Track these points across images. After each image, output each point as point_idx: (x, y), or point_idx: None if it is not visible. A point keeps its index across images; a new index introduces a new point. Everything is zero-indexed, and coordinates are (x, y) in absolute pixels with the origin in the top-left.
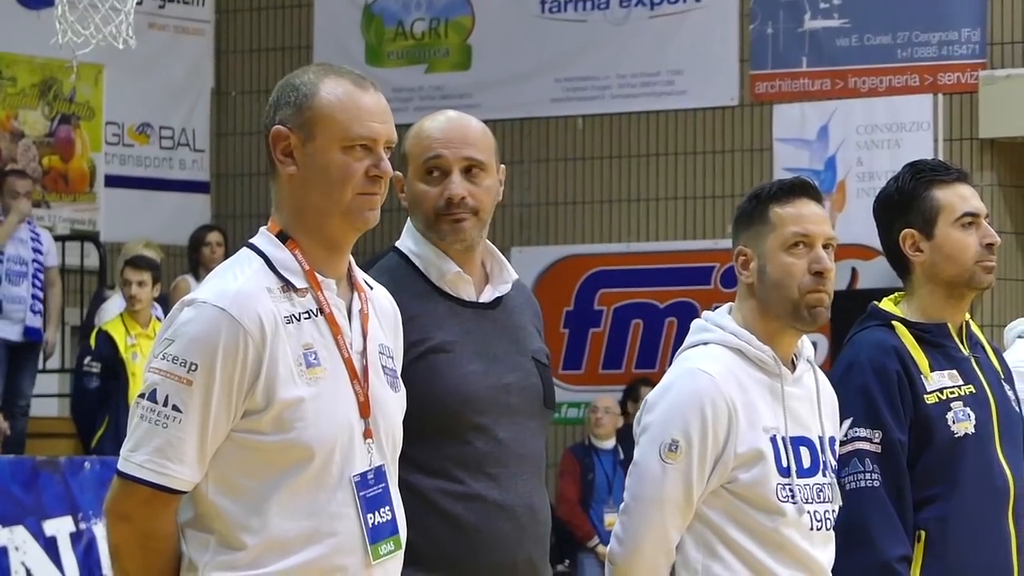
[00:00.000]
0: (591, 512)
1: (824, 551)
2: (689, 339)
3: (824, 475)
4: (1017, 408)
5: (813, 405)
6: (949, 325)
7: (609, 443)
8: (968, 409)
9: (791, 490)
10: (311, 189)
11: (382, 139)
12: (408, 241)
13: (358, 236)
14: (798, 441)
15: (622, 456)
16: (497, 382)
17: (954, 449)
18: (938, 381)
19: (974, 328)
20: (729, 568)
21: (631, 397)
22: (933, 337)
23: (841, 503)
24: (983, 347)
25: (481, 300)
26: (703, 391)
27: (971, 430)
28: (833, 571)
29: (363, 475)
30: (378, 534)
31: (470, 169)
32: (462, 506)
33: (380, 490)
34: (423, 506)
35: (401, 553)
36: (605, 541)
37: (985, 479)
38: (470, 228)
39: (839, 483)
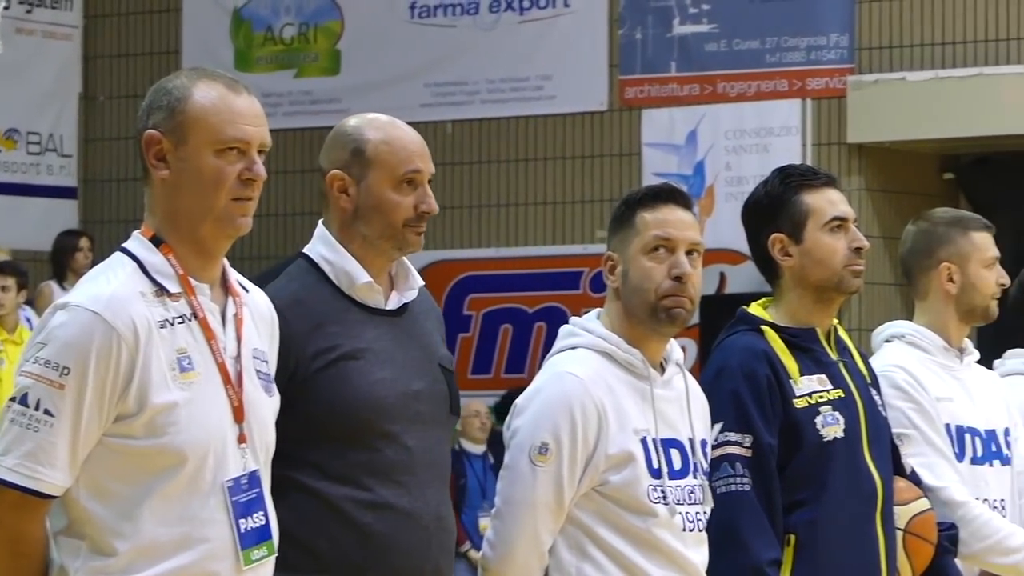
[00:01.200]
0: (463, 517)
1: (697, 552)
2: (558, 344)
3: (695, 477)
4: (883, 412)
5: (683, 408)
6: (818, 330)
7: (480, 448)
8: (837, 413)
9: (662, 491)
10: (184, 193)
11: (255, 142)
12: (321, 247)
13: (231, 242)
14: (668, 443)
15: (492, 461)
16: (406, 389)
17: (823, 453)
18: (807, 385)
19: (842, 333)
20: (602, 570)
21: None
22: (802, 342)
23: (713, 505)
24: (851, 352)
25: (388, 307)
26: (572, 394)
27: (840, 434)
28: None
29: (236, 480)
30: (250, 539)
31: (429, 182)
32: (371, 514)
33: (254, 495)
34: (330, 514)
35: (273, 559)
36: (477, 546)
37: (854, 483)
38: (423, 239)
39: (710, 487)
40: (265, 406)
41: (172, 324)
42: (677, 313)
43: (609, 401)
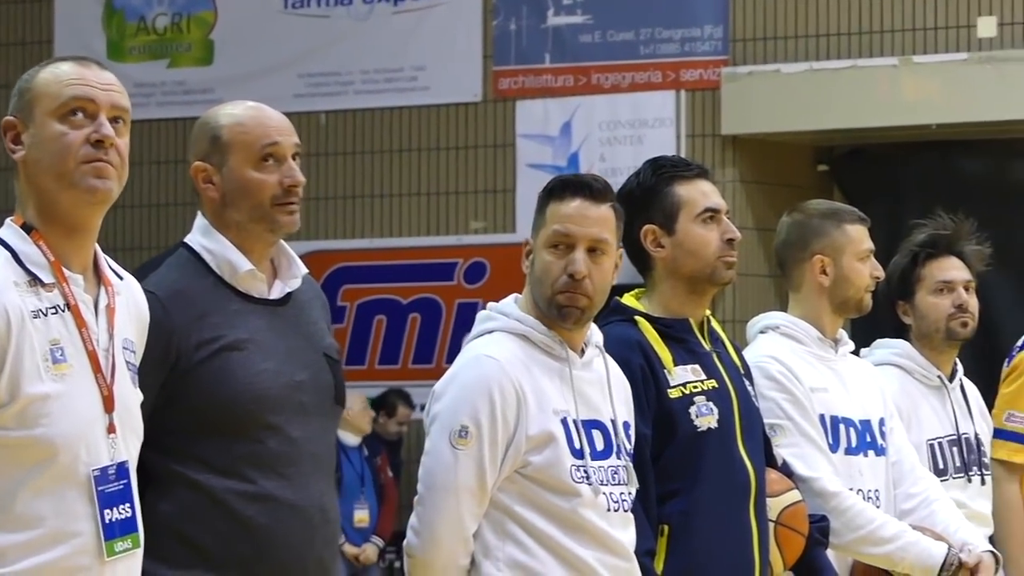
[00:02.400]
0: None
1: (624, 532)
2: (475, 328)
3: (618, 457)
4: (756, 403)
5: (604, 389)
6: (691, 320)
7: (356, 440)
8: (711, 404)
9: (585, 471)
10: (39, 171)
11: (103, 104)
12: (200, 237)
13: (96, 214)
14: (590, 424)
15: (367, 453)
16: (290, 380)
17: (697, 443)
18: (681, 376)
19: (715, 323)
20: (530, 552)
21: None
22: (675, 332)
23: (637, 486)
24: (724, 342)
25: (271, 297)
26: (489, 376)
27: (714, 424)
28: None
29: (104, 470)
30: (114, 531)
31: (295, 156)
32: (254, 507)
33: (121, 487)
34: (213, 506)
35: (139, 552)
36: (352, 540)
37: (727, 473)
38: (299, 218)
39: None
40: (132, 397)
41: (45, 314)
42: (568, 312)
43: (528, 382)
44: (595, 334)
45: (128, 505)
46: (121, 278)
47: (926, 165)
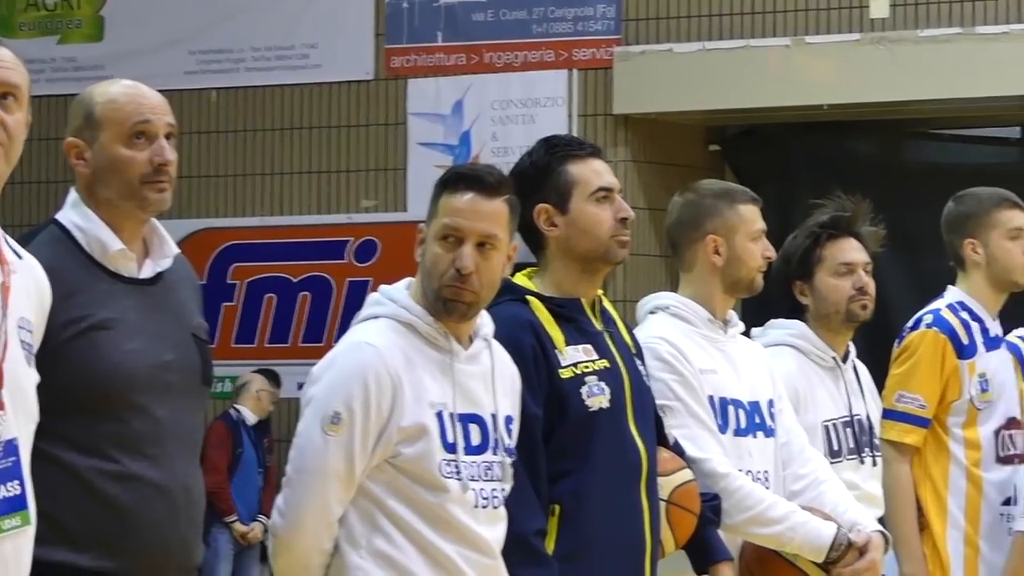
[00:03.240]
0: (234, 489)
1: (491, 528)
2: (363, 312)
3: (495, 453)
4: (648, 383)
5: (488, 383)
6: (583, 300)
7: (255, 419)
8: (602, 384)
9: (456, 466)
10: None
11: None
12: (72, 214)
13: None
14: (467, 418)
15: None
16: (157, 360)
17: (588, 423)
18: (572, 356)
19: (606, 303)
20: (392, 543)
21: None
22: (567, 312)
23: (513, 483)
24: (615, 322)
25: (142, 276)
26: (366, 364)
27: (605, 404)
28: None
29: None
30: (3, 509)
31: (169, 136)
32: (118, 487)
33: (10, 464)
34: (77, 485)
35: (30, 530)
36: (243, 519)
37: (619, 453)
38: (170, 196)
39: None
40: (27, 376)
41: None
42: (454, 307)
43: (406, 373)
44: (484, 326)
45: (17, 482)
46: (20, 257)
47: (818, 145)
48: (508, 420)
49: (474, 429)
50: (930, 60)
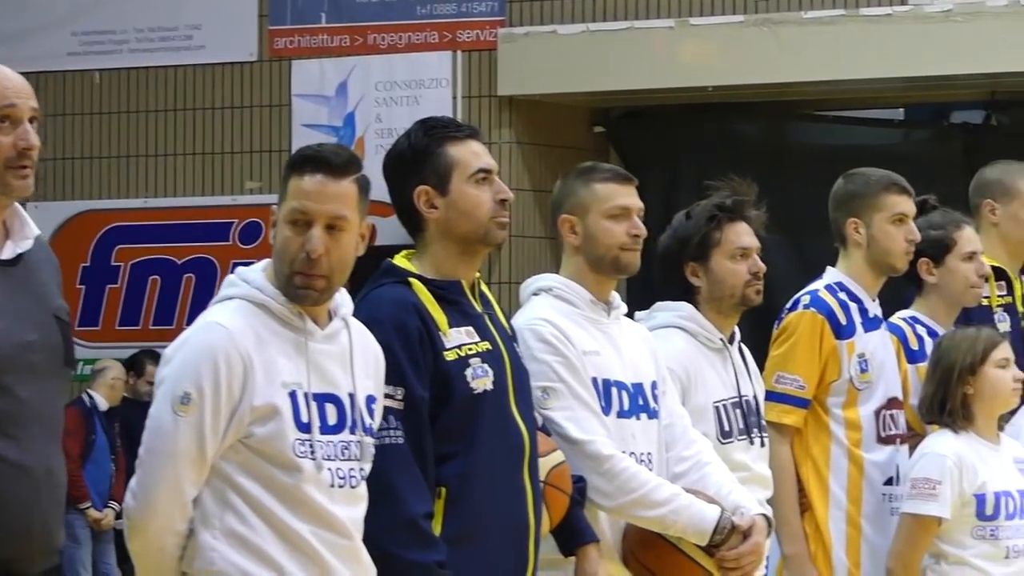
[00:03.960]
0: (87, 474)
1: (347, 508)
2: (219, 293)
3: (353, 433)
4: (524, 366)
5: (345, 362)
6: (463, 282)
7: (107, 405)
8: (486, 366)
9: (311, 446)
10: None
11: None
12: None
13: None
14: (323, 397)
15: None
16: (20, 340)
17: (473, 406)
18: (456, 338)
19: (483, 286)
20: (246, 523)
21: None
22: (449, 294)
23: (371, 462)
24: (492, 304)
25: (3, 257)
26: (217, 345)
27: (489, 387)
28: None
29: None
30: None
31: (32, 120)
32: None
33: None
34: None
35: None
36: (96, 505)
37: (503, 435)
38: (32, 182)
39: None
40: None
41: None
42: (306, 294)
43: (257, 353)
44: (343, 306)
45: None
46: None
47: (703, 127)
48: (369, 400)
49: (330, 409)
50: (814, 42)
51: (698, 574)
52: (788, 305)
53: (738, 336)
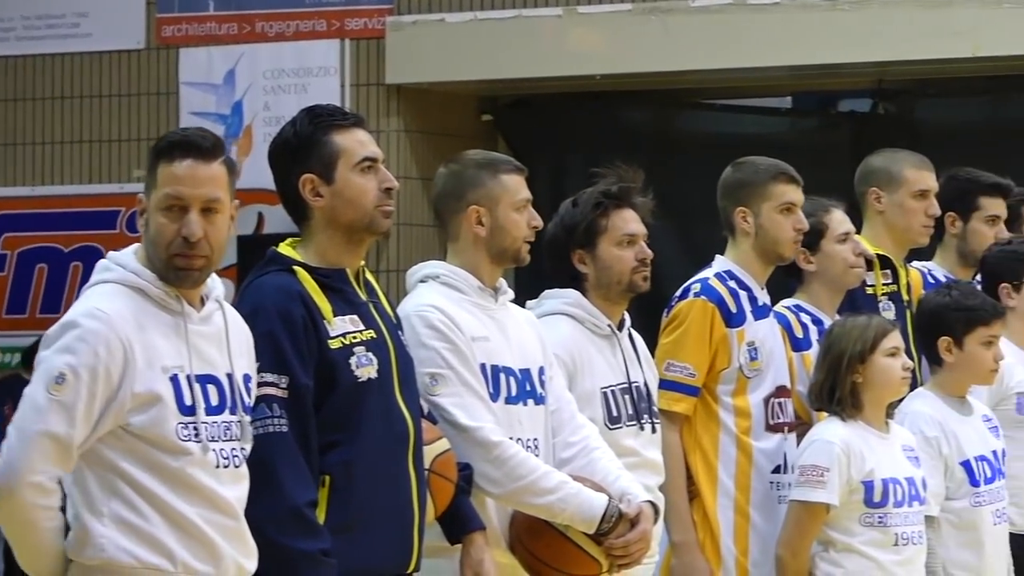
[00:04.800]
0: None
1: (233, 488)
2: (92, 278)
3: (233, 413)
4: (409, 354)
5: (222, 343)
6: (348, 270)
7: None
8: (370, 354)
9: (195, 428)
10: None
11: None
12: None
13: None
14: (204, 379)
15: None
16: None
17: (357, 394)
18: (341, 326)
19: (368, 274)
20: (134, 509)
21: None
22: (334, 282)
23: (252, 442)
24: (377, 292)
25: None
26: (97, 330)
27: (374, 375)
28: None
29: None
30: None
31: None
32: None
33: None
34: None
35: None
36: None
37: (387, 423)
38: None
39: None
40: None
41: None
42: (187, 275)
43: (137, 338)
44: (215, 288)
45: None
46: None
47: (590, 116)
48: (246, 379)
49: (212, 390)
50: (702, 30)
51: (585, 562)
52: (678, 293)
53: (628, 322)
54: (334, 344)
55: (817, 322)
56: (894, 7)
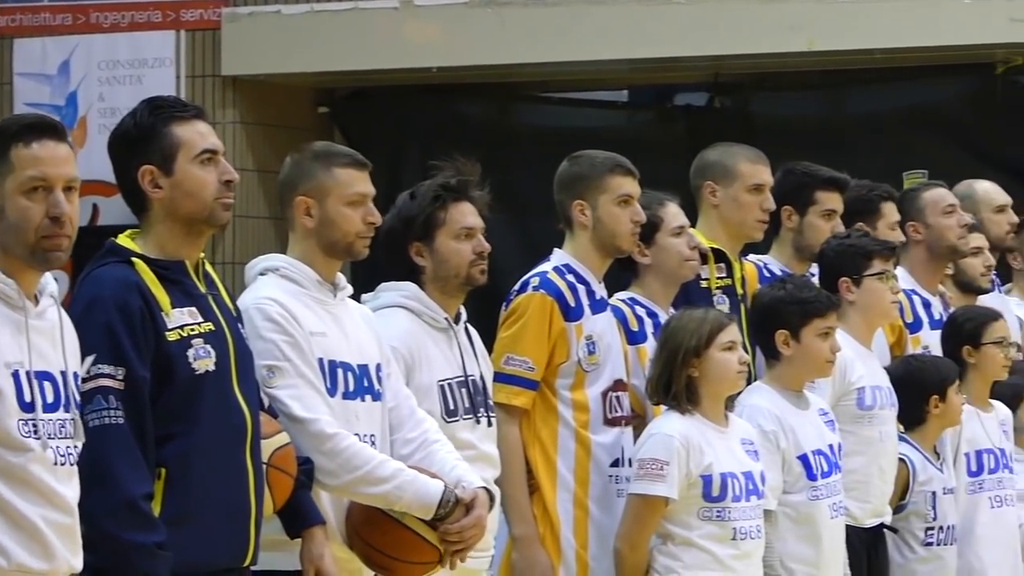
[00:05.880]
0: None
1: (69, 486)
2: None
3: (67, 411)
4: (249, 347)
5: (56, 340)
6: (187, 262)
7: None
8: (208, 346)
9: (34, 425)
10: None
11: None
12: None
13: None
14: (42, 376)
15: None
16: None
17: (195, 386)
18: (178, 318)
19: (208, 266)
20: None
21: None
22: (172, 274)
23: (84, 439)
24: (217, 285)
25: None
26: None
27: (211, 367)
28: (79, 509)
29: None
30: None
31: None
32: None
33: None
34: None
35: None
36: None
37: (224, 416)
38: None
39: (82, 420)
40: None
41: None
42: (55, 257)
43: None
44: (49, 283)
45: None
46: None
47: (428, 108)
48: (76, 376)
49: (48, 387)
50: (538, 23)
51: (423, 549)
52: (516, 287)
53: (464, 316)
54: (171, 336)
55: (652, 315)
56: (730, 1)
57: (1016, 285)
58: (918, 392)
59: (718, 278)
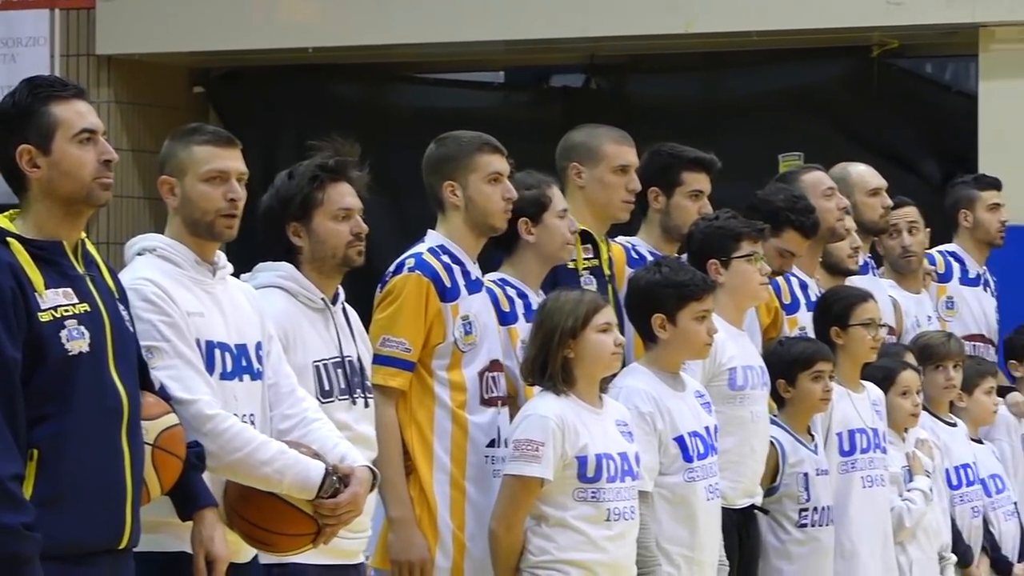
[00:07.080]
0: None
1: None
2: None
3: None
4: (131, 328)
5: None
6: (65, 243)
7: None
8: (83, 327)
9: None
10: None
11: None
12: None
13: None
14: None
15: None
16: None
17: (68, 367)
18: (53, 299)
19: (89, 247)
20: None
21: None
22: (48, 255)
23: None
24: (99, 266)
25: None
26: None
27: (86, 348)
28: None
29: None
30: None
31: None
32: None
33: None
34: None
35: None
36: None
37: (99, 398)
38: None
39: None
40: None
41: None
42: None
43: None
44: None
45: None
46: None
47: (303, 88)
48: None
49: None
50: (414, 4)
51: (300, 520)
52: (392, 268)
53: (342, 297)
54: (44, 317)
55: (522, 295)
56: None
57: (887, 268)
58: (779, 374)
59: (585, 259)
